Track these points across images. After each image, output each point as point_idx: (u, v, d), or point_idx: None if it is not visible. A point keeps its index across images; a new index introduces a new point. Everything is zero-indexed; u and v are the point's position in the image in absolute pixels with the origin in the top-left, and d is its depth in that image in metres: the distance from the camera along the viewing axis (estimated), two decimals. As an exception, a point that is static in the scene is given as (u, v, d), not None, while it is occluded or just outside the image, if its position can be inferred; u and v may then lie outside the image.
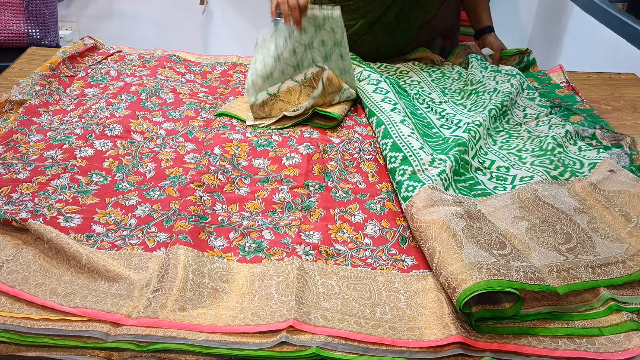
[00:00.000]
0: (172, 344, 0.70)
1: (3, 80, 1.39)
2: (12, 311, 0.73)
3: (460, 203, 0.90)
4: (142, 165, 1.06)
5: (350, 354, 0.71)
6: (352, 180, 1.05)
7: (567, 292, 0.79)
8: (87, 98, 1.28)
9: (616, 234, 0.88)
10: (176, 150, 1.11)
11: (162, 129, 1.17)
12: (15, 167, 1.02)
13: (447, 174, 0.98)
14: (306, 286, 0.79)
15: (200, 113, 1.25)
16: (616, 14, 2.01)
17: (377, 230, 0.94)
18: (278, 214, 0.96)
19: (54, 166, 1.03)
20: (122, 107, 1.22)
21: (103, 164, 1.05)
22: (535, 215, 0.92)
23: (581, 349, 0.72)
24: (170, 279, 0.78)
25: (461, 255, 0.77)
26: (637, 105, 1.40)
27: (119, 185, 1.01)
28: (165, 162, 1.07)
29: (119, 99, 1.26)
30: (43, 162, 1.04)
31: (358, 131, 1.19)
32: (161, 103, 1.27)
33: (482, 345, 0.72)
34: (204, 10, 3.06)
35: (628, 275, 0.81)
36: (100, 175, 1.02)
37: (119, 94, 1.28)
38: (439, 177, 0.96)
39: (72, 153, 1.06)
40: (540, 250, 0.85)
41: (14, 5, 2.32)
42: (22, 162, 1.04)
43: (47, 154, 1.06)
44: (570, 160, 1.07)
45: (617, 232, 0.89)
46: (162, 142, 1.13)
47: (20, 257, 0.82)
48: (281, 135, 1.16)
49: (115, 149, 1.09)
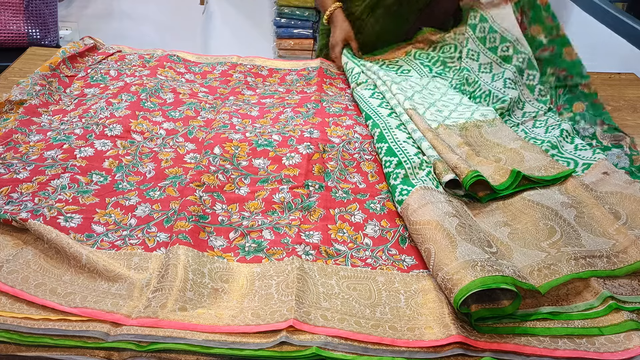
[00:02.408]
0: (172, 343, 0.70)
1: (3, 80, 1.39)
2: (12, 311, 0.73)
3: (450, 202, 0.90)
4: (142, 165, 1.06)
5: (350, 354, 0.71)
6: (352, 180, 1.05)
7: (567, 293, 0.79)
8: (87, 98, 1.28)
9: (603, 230, 0.88)
10: (176, 150, 1.11)
11: (162, 129, 1.17)
12: (15, 167, 1.02)
13: (433, 174, 0.98)
14: (306, 286, 0.79)
15: (200, 113, 1.25)
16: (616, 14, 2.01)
17: (377, 230, 0.93)
18: (278, 214, 0.96)
19: (54, 166, 1.03)
20: (122, 107, 1.21)
21: (103, 163, 1.05)
22: (519, 219, 0.92)
23: (581, 348, 0.72)
24: (170, 278, 0.78)
25: (455, 254, 0.77)
26: (637, 105, 1.40)
27: (119, 185, 1.00)
28: (165, 162, 1.07)
29: (119, 99, 1.25)
30: (43, 162, 1.04)
31: (358, 131, 1.19)
32: (161, 103, 1.26)
33: (482, 345, 0.72)
34: (204, 10, 3.05)
35: (611, 270, 0.81)
36: (100, 175, 1.02)
37: (119, 93, 1.28)
38: (428, 177, 0.96)
39: (72, 153, 1.06)
40: (521, 250, 0.85)
41: (14, 5, 2.32)
42: (22, 162, 1.03)
43: (47, 154, 1.06)
44: (564, 161, 1.07)
45: (605, 228, 0.89)
46: (162, 142, 1.13)
47: (20, 257, 0.82)
48: (281, 135, 1.16)
49: (115, 149, 1.09)
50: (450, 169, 0.98)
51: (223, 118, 1.22)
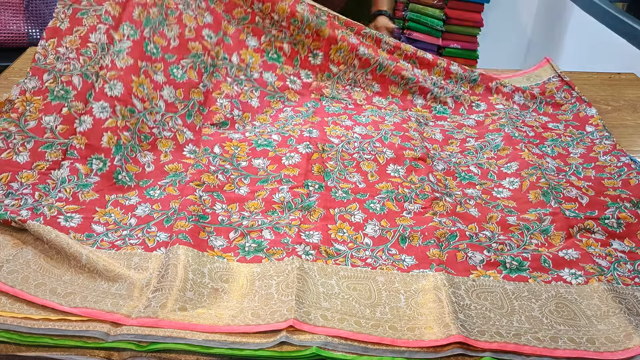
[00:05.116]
0: (172, 343, 0.71)
1: (3, 80, 1.39)
2: (12, 311, 0.73)
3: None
4: (140, 153, 1.05)
5: (350, 354, 0.71)
6: (352, 180, 1.05)
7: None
8: (83, 7, 1.13)
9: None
10: (175, 136, 1.10)
11: (162, 99, 1.13)
12: (15, 141, 1.00)
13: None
14: (306, 286, 0.79)
15: (202, 77, 1.20)
16: (616, 14, 2.01)
17: (377, 230, 0.93)
18: (278, 213, 0.96)
19: (54, 145, 1.01)
20: (124, 51, 1.11)
21: (102, 140, 1.02)
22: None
23: (581, 348, 0.72)
24: (170, 278, 0.78)
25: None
26: (637, 105, 1.40)
27: (119, 176, 1.00)
28: (164, 156, 1.06)
29: (120, 34, 1.14)
30: (42, 137, 1.01)
31: (357, 131, 1.19)
32: (165, 47, 1.18)
33: (482, 345, 0.72)
34: (204, 10, 3.05)
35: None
36: (99, 159, 1.01)
37: (121, 21, 1.15)
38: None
39: (72, 125, 1.03)
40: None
41: (14, 5, 2.32)
42: (20, 133, 1.00)
43: (46, 120, 1.02)
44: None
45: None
46: (162, 120, 1.10)
47: (20, 257, 0.82)
48: (281, 134, 1.16)
49: (114, 117, 1.04)
50: None
51: (224, 106, 1.20)
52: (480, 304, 0.79)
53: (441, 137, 1.21)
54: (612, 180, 1.05)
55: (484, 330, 0.74)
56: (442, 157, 1.13)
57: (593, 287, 0.82)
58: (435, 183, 1.04)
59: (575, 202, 1.00)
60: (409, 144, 1.14)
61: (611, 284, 0.83)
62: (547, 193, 1.01)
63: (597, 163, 1.11)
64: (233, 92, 1.24)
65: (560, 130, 1.24)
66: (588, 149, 1.17)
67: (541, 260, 0.88)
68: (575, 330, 0.75)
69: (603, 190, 1.02)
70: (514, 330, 0.75)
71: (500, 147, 1.16)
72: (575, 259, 0.88)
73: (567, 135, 1.22)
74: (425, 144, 1.16)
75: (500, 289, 0.82)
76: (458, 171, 1.10)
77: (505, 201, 1.01)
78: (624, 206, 0.98)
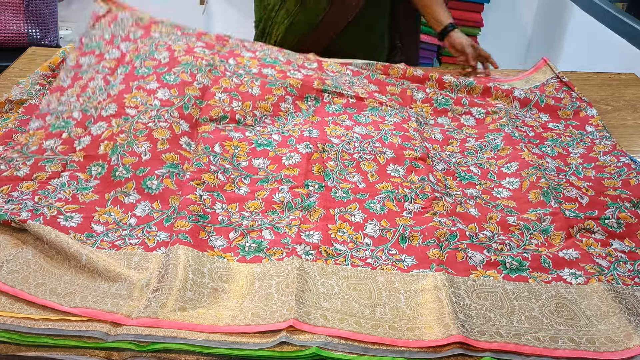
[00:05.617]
0: (172, 343, 0.71)
1: (3, 80, 1.39)
2: (12, 311, 0.73)
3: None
4: (136, 144, 1.04)
5: (350, 354, 0.71)
6: (352, 180, 1.05)
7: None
8: (83, 70, 1.24)
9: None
10: (171, 127, 1.09)
11: (157, 98, 1.13)
12: (16, 163, 1.01)
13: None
14: (306, 286, 0.79)
15: (196, 77, 1.21)
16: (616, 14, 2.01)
17: (377, 230, 0.93)
18: (278, 213, 0.96)
19: (54, 160, 1.02)
20: (117, 83, 1.17)
21: (99, 149, 1.03)
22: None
23: (581, 348, 0.72)
24: (170, 278, 0.78)
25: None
26: (637, 105, 1.40)
27: (116, 173, 1.00)
28: (161, 144, 1.05)
29: (115, 75, 1.21)
30: (42, 155, 1.03)
31: (357, 131, 1.19)
32: (155, 65, 1.22)
33: (482, 345, 0.72)
34: (204, 11, 3.05)
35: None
36: (98, 165, 1.01)
37: (117, 68, 1.23)
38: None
39: (72, 145, 1.05)
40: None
41: (14, 5, 2.32)
42: (22, 156, 1.02)
43: (47, 144, 1.05)
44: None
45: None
46: (157, 114, 1.10)
47: (20, 257, 0.82)
48: (281, 134, 1.16)
49: (110, 128, 1.07)
50: None
51: (222, 100, 1.20)
52: (480, 304, 0.79)
53: (441, 137, 1.21)
54: (612, 180, 1.05)
55: (484, 330, 0.74)
56: (442, 157, 1.13)
57: (593, 287, 0.82)
58: (435, 183, 1.04)
59: (575, 202, 1.00)
60: (409, 144, 1.14)
61: (611, 284, 0.83)
62: (547, 193, 1.01)
63: (597, 163, 1.11)
64: (232, 84, 1.24)
65: (560, 130, 1.24)
66: (588, 149, 1.17)
67: (541, 260, 0.88)
68: (575, 330, 0.75)
69: (603, 190, 1.02)
70: (514, 330, 0.75)
71: (500, 147, 1.16)
72: (575, 259, 0.88)
73: (567, 135, 1.22)
74: (425, 144, 1.16)
75: (500, 289, 0.82)
76: (458, 171, 1.10)
77: (505, 201, 1.01)
78: (624, 206, 0.98)
